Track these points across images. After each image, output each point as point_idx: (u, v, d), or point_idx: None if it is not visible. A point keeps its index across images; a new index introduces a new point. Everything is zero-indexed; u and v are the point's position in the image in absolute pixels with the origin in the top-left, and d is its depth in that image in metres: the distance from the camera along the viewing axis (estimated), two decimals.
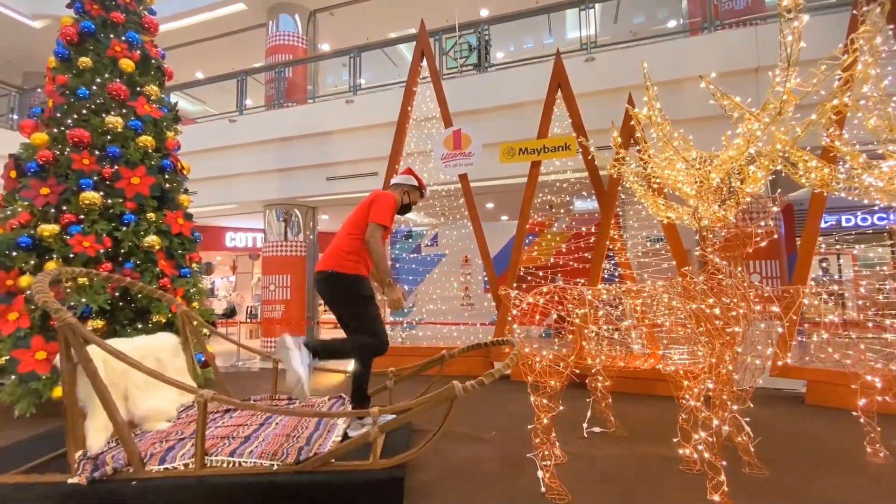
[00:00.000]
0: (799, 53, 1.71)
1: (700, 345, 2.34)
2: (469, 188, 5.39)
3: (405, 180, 2.91)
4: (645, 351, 3.88)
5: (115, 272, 4.15)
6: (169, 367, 2.96)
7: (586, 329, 2.48)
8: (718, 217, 2.71)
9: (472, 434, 3.23)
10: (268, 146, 8.90)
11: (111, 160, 4.30)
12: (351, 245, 2.68)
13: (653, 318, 2.43)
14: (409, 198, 2.92)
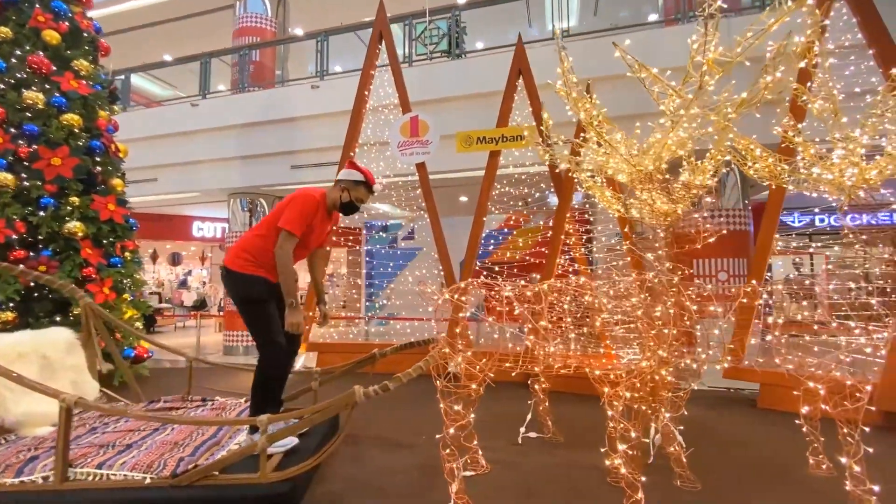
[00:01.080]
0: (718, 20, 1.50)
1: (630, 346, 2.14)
2: (427, 178, 5.14)
3: (346, 175, 2.54)
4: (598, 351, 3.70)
5: (31, 260, 3.85)
6: (60, 364, 2.69)
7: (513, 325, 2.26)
8: (665, 211, 2.51)
9: (400, 439, 3.01)
10: (231, 132, 8.54)
11: (29, 139, 3.97)
12: (251, 244, 2.42)
13: (566, 318, 2.22)
14: (352, 195, 2.52)
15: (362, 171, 2.54)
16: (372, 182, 2.58)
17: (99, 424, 2.57)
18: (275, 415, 2.06)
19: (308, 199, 2.38)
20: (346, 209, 2.58)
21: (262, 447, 1.99)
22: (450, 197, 9.69)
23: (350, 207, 2.58)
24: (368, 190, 2.57)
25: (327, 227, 2.66)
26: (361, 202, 2.55)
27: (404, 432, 3.11)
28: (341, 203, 2.53)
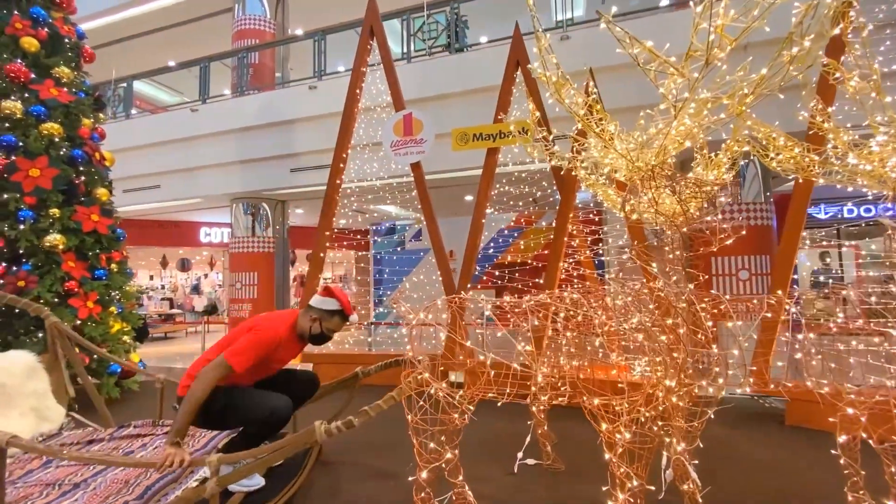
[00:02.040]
0: None
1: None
2: (423, 178, 4.88)
3: (319, 304, 2.26)
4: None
5: (9, 275, 3.71)
6: (17, 391, 2.51)
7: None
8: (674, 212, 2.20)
9: (382, 467, 2.75)
10: (231, 136, 8.42)
11: (6, 150, 3.84)
12: (197, 368, 2.19)
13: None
14: (323, 326, 2.27)
15: (338, 297, 2.26)
16: (348, 312, 2.29)
17: (55, 460, 2.39)
18: (226, 455, 1.82)
19: (267, 340, 2.13)
20: (315, 340, 2.32)
21: (212, 492, 1.76)
22: (455, 197, 9.43)
23: (320, 339, 2.32)
24: (343, 319, 2.29)
25: (295, 351, 2.42)
26: (333, 332, 2.30)
27: (388, 458, 2.86)
28: (310, 334, 2.28)
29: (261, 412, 2.07)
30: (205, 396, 1.95)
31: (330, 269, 22.26)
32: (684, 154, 2.58)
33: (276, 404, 2.10)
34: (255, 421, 2.09)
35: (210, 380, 1.98)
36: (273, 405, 2.09)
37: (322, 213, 5.09)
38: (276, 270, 8.84)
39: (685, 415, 2.05)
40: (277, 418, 2.11)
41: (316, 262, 5.09)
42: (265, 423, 2.08)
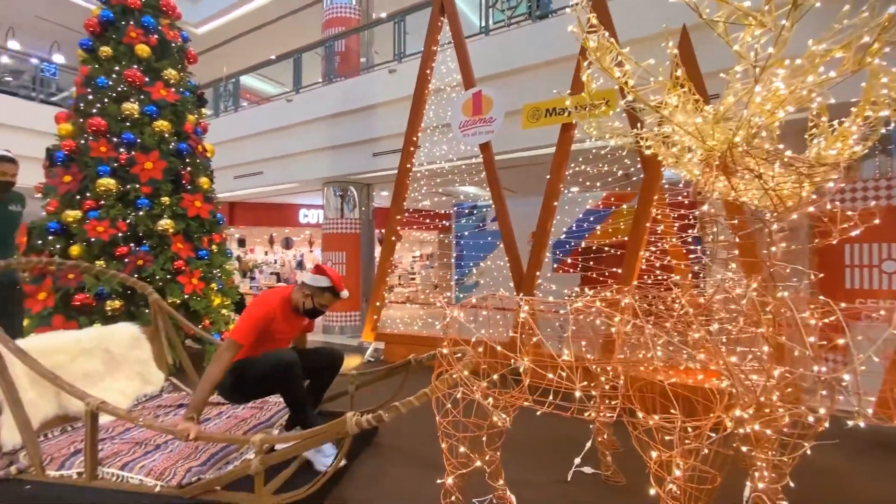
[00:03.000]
0: None
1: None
2: (492, 160, 4.66)
3: (312, 281, 2.42)
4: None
5: (132, 255, 4.34)
6: (123, 358, 2.93)
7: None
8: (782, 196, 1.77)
9: (431, 457, 2.71)
10: (320, 124, 8.92)
11: (127, 146, 4.44)
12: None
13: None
14: (315, 301, 2.43)
15: (328, 275, 2.41)
16: (339, 288, 2.42)
17: (152, 417, 2.75)
18: (268, 436, 1.92)
19: (259, 308, 2.32)
20: (309, 314, 2.51)
21: (256, 469, 1.87)
22: (539, 175, 8.99)
23: (314, 312, 2.50)
24: (334, 295, 2.43)
25: (295, 324, 2.57)
26: (325, 307, 2.48)
27: (437, 447, 2.83)
28: (304, 308, 2.45)
29: (267, 366, 2.23)
30: (221, 376, 2.12)
31: (418, 248, 23.01)
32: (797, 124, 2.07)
33: (278, 356, 2.26)
34: (266, 376, 2.24)
35: (224, 360, 2.14)
36: (276, 357, 2.25)
37: (393, 198, 5.16)
38: (362, 250, 9.28)
39: (773, 445, 1.69)
40: (285, 363, 2.23)
41: (388, 246, 5.19)
42: (275, 374, 2.22)
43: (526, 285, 4.29)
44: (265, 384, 2.32)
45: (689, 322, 1.54)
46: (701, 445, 1.35)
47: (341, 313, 9.08)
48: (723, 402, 1.47)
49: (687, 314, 1.54)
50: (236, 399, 2.44)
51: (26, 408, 2.23)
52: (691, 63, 3.26)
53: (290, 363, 2.25)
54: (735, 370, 1.39)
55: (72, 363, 2.56)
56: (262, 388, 2.37)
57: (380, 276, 5.35)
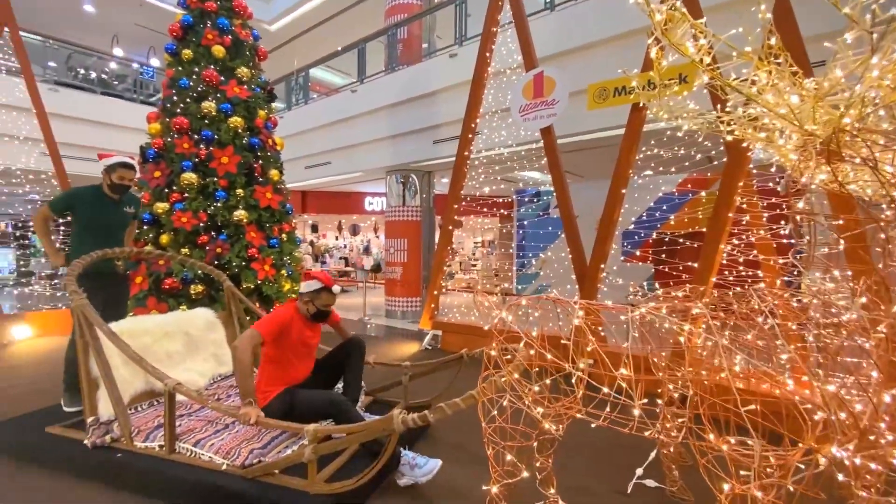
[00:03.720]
0: None
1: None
2: (553, 145, 4.42)
3: (306, 288, 2.59)
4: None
5: (211, 243, 4.71)
6: (201, 340, 3.18)
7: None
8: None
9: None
10: (382, 113, 9.06)
11: (206, 142, 4.78)
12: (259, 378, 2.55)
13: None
14: (316, 304, 2.59)
15: (317, 277, 2.58)
16: (329, 285, 2.58)
17: (224, 396, 2.98)
18: (321, 427, 1.98)
19: (283, 311, 2.55)
20: (316, 318, 2.63)
21: (309, 458, 1.94)
22: (608, 157, 8.47)
23: (319, 315, 2.62)
24: (329, 293, 2.59)
25: (316, 333, 2.73)
26: (328, 306, 2.61)
27: None
28: (311, 315, 2.60)
29: (319, 402, 2.38)
30: (250, 358, 2.25)
31: (480, 234, 22.90)
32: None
33: (327, 394, 2.41)
34: (319, 413, 2.38)
35: (245, 346, 2.26)
36: (327, 394, 2.41)
37: (450, 186, 5.10)
38: (422, 236, 9.38)
39: (880, 481, 1.43)
40: (337, 400, 2.36)
41: (445, 235, 5.17)
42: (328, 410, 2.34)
43: (588, 280, 4.06)
44: (318, 416, 2.43)
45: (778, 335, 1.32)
46: (785, 482, 1.16)
47: (402, 298, 9.30)
48: (815, 432, 1.25)
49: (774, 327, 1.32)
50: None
51: (119, 384, 2.50)
52: (789, 29, 2.81)
53: (336, 399, 2.37)
54: (833, 398, 1.17)
55: (156, 345, 2.83)
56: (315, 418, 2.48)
57: (437, 264, 5.37)
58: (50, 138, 6.15)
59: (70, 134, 9.42)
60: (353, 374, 2.71)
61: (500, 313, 1.83)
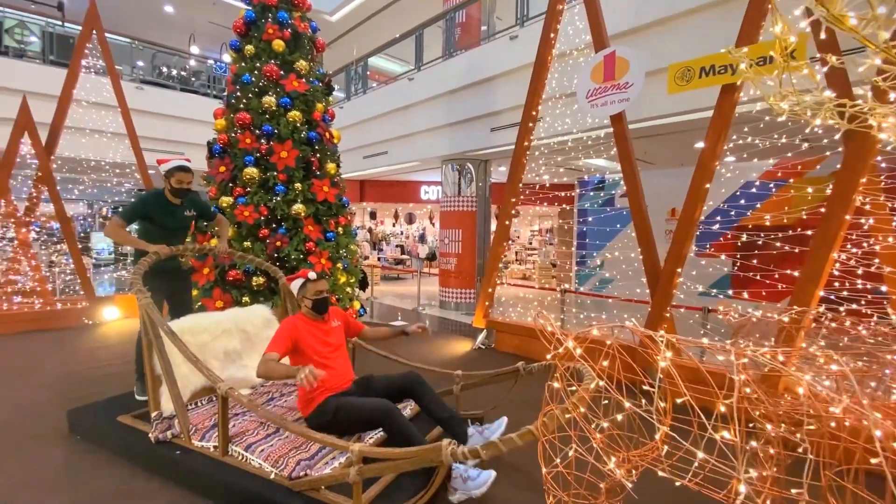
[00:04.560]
0: None
1: None
2: (624, 133, 4.00)
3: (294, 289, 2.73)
4: None
5: (272, 237, 4.81)
6: (258, 337, 3.22)
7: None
8: None
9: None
10: (440, 101, 8.87)
11: (266, 137, 4.87)
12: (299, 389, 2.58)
13: None
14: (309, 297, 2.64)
15: (297, 276, 2.69)
16: (304, 276, 2.66)
17: (277, 395, 3.00)
18: (365, 447, 1.87)
19: (285, 322, 2.55)
20: (316, 309, 2.63)
21: (354, 479, 1.84)
22: (683, 143, 7.72)
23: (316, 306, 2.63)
24: (310, 281, 2.63)
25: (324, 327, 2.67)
26: (321, 292, 2.63)
27: None
28: (311, 309, 2.63)
29: (366, 411, 2.30)
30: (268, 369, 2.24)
31: (538, 221, 22.22)
32: None
33: (374, 401, 2.31)
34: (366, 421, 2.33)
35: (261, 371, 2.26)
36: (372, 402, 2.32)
37: (508, 178, 4.82)
38: (477, 226, 9.17)
39: None
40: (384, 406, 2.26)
41: (501, 230, 4.92)
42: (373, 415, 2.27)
43: (663, 285, 3.65)
44: (367, 425, 2.41)
45: None
46: None
47: (456, 290, 9.19)
48: None
49: None
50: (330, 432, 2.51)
51: (181, 380, 2.57)
52: None
53: (388, 406, 2.26)
54: None
55: (215, 342, 2.89)
56: (362, 427, 2.46)
57: (492, 260, 5.14)
58: (132, 133, 6.61)
59: (154, 129, 10.19)
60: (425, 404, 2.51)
61: (567, 342, 1.59)
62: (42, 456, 2.63)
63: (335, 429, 2.41)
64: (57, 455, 2.63)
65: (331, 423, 2.38)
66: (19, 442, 2.79)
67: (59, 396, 3.58)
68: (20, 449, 2.70)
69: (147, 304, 2.48)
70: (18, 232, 5.71)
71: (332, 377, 2.50)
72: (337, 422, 2.37)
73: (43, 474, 2.44)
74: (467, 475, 2.08)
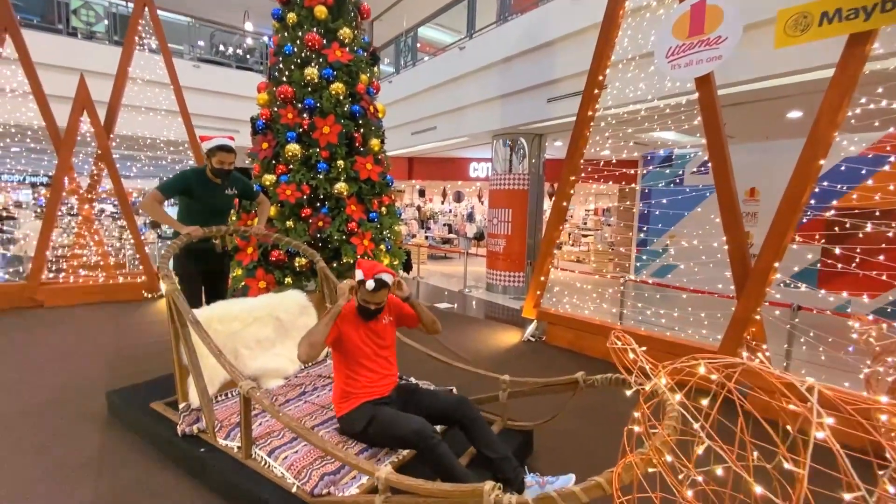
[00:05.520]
0: None
1: None
2: (713, 98, 3.35)
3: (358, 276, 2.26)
4: None
5: (314, 217, 4.63)
6: (292, 325, 3.04)
7: None
8: None
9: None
10: (492, 71, 8.30)
11: (309, 112, 4.63)
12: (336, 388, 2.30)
13: None
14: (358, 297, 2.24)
15: (359, 267, 2.24)
16: (366, 277, 2.15)
17: (310, 389, 2.80)
18: (393, 475, 1.58)
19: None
20: (363, 313, 2.25)
21: None
22: (768, 113, 6.69)
23: (365, 312, 2.24)
24: (364, 288, 2.16)
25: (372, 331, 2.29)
26: (370, 303, 2.20)
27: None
28: (359, 306, 2.24)
29: (403, 431, 1.99)
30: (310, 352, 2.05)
31: (593, 200, 21.02)
32: None
33: (412, 425, 1.98)
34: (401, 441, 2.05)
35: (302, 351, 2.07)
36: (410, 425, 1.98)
37: (568, 152, 4.29)
38: (529, 206, 8.63)
39: None
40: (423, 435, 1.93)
41: (557, 211, 4.43)
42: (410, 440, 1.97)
43: (755, 280, 3.05)
44: (401, 445, 2.14)
45: None
46: None
47: (504, 273, 8.77)
48: None
49: None
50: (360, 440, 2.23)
51: (209, 371, 2.41)
52: None
53: (427, 431, 1.93)
54: None
55: (246, 330, 2.73)
56: (395, 445, 2.18)
57: (546, 245, 4.68)
58: (185, 110, 6.66)
59: (210, 106, 10.39)
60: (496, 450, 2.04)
61: (657, 380, 1.19)
62: (79, 442, 2.60)
63: (366, 439, 2.16)
64: (93, 441, 2.59)
65: (362, 433, 2.13)
66: (60, 425, 2.80)
67: (107, 374, 3.64)
68: (59, 432, 2.71)
69: (172, 291, 2.31)
70: (81, 208, 5.97)
71: (372, 381, 2.23)
72: (368, 434, 2.11)
73: (75, 462, 2.40)
74: (545, 480, 1.97)
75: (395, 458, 2.14)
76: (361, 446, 2.17)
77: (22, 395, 3.19)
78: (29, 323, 5.15)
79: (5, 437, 2.63)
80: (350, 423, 2.17)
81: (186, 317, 2.26)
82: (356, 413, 2.15)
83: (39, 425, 2.77)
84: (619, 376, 2.00)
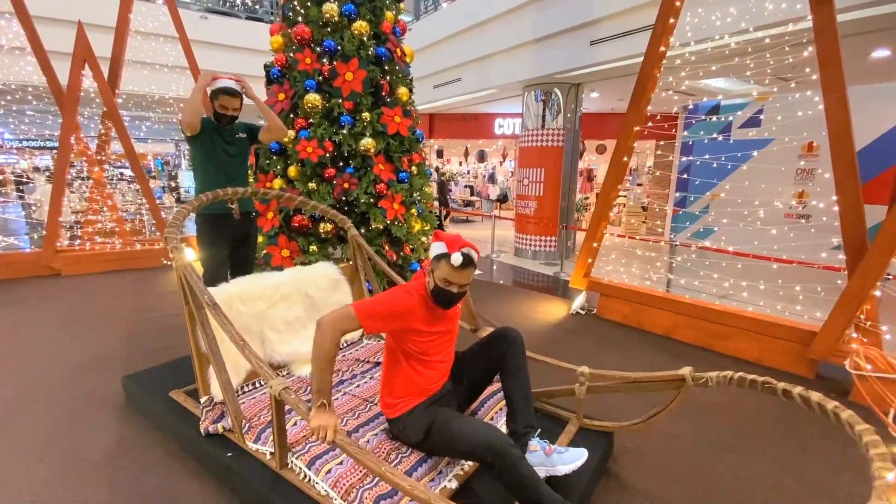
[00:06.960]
0: None
1: None
2: (831, 20, 2.67)
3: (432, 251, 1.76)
4: None
5: (338, 177, 4.16)
6: (324, 302, 2.64)
7: None
8: None
9: None
10: (523, 12, 7.44)
11: (329, 55, 4.06)
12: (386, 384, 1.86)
13: None
14: (435, 277, 1.71)
15: (441, 239, 1.72)
16: (450, 250, 1.66)
17: (349, 376, 2.43)
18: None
19: (402, 295, 1.73)
20: (437, 299, 1.73)
21: None
22: (854, 52, 5.80)
23: (439, 296, 1.71)
24: (448, 263, 1.66)
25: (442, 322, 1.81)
26: (452, 284, 1.68)
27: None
28: (431, 294, 1.74)
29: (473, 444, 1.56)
30: (329, 346, 1.56)
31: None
32: None
33: (487, 436, 1.53)
34: (469, 454, 1.62)
35: (329, 328, 1.59)
36: (485, 436, 1.53)
37: (632, 101, 3.66)
38: (563, 165, 7.98)
39: None
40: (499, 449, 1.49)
41: (616, 169, 3.85)
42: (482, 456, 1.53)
43: (876, 254, 2.50)
44: (469, 458, 1.73)
45: None
46: None
47: (535, 237, 8.26)
48: None
49: None
50: (416, 447, 1.84)
51: (231, 359, 2.05)
52: None
53: (502, 445, 1.49)
54: None
55: (272, 310, 2.34)
56: (462, 458, 1.78)
57: (601, 208, 4.13)
58: (193, 64, 6.11)
59: (221, 62, 9.75)
60: (521, 397, 1.81)
61: None
62: (94, 433, 2.31)
63: (424, 449, 1.78)
64: (109, 435, 2.29)
65: (420, 444, 1.75)
66: (76, 410, 2.52)
67: (125, 352, 3.36)
68: (74, 419, 2.43)
69: (183, 265, 1.90)
70: (91, 171, 5.61)
71: (433, 379, 1.82)
72: (426, 446, 1.74)
73: (89, 461, 2.10)
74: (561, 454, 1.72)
75: (460, 469, 1.77)
76: (418, 454, 1.79)
77: (34, 376, 2.93)
78: (44, 292, 4.93)
79: (12, 426, 2.37)
80: (403, 432, 1.80)
81: (202, 297, 1.86)
82: (409, 419, 1.76)
83: (50, 413, 2.49)
84: (748, 376, 1.54)
